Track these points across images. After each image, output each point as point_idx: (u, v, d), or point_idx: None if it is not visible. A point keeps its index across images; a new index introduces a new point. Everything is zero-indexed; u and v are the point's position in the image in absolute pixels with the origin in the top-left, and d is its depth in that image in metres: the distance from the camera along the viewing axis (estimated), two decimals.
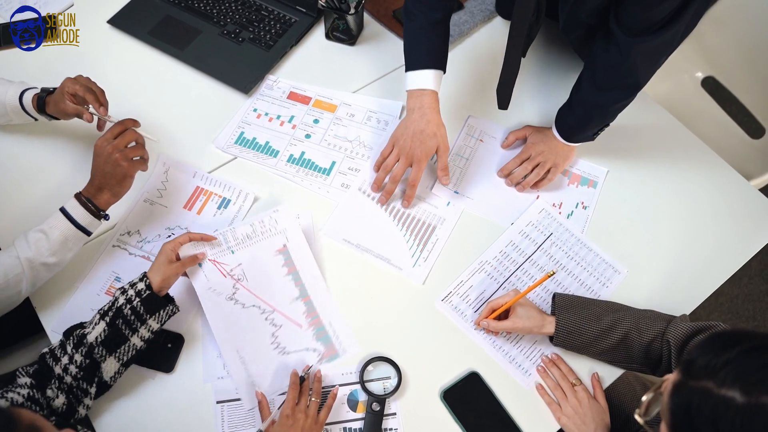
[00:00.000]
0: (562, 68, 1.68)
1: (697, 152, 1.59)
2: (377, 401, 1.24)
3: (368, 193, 1.49)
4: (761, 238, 1.47)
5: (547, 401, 1.27)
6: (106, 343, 1.15)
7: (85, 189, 1.29)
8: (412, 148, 1.41)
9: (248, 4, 1.74)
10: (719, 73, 2.01)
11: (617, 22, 1.23)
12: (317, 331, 1.33)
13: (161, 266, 1.23)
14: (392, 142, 1.46)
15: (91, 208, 1.27)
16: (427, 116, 1.41)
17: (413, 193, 1.45)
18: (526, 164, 1.50)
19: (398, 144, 1.44)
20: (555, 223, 1.47)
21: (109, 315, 1.17)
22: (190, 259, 1.29)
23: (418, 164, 1.41)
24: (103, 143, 1.27)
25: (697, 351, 0.80)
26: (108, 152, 1.27)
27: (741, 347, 0.76)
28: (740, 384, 0.73)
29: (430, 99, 1.42)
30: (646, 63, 1.29)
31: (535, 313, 1.28)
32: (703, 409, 0.75)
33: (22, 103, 1.42)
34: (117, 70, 1.64)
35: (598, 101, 1.38)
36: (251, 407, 1.24)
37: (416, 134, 1.41)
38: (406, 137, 1.42)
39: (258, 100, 1.61)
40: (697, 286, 1.41)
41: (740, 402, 0.72)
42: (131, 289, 1.20)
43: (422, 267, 1.40)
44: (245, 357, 1.28)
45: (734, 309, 2.39)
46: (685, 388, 0.78)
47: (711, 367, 0.76)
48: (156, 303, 1.20)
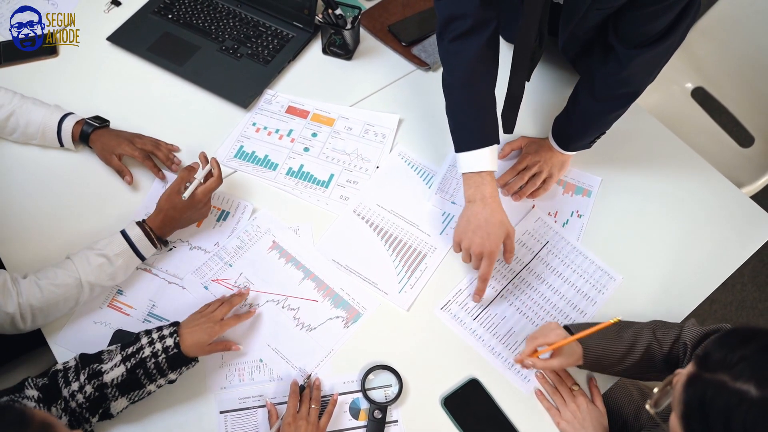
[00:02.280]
0: (556, 80, 1.72)
1: (689, 161, 1.62)
2: (379, 409, 1.26)
3: (362, 215, 1.50)
4: (753, 244, 1.50)
5: (546, 406, 1.29)
6: (121, 387, 1.15)
7: (154, 222, 1.35)
8: (482, 245, 1.33)
9: (246, 20, 1.77)
10: (708, 83, 2.05)
11: (616, 35, 1.26)
12: (333, 299, 1.39)
13: (201, 339, 1.22)
14: (457, 240, 1.38)
15: (152, 237, 1.33)
16: (490, 206, 1.34)
17: (484, 287, 1.37)
18: (522, 174, 1.53)
19: (464, 242, 1.36)
20: (551, 231, 1.49)
21: (131, 362, 1.16)
22: (223, 345, 1.28)
23: (489, 257, 1.33)
24: (204, 200, 1.38)
25: (713, 345, 0.82)
26: (207, 208, 1.40)
27: (757, 343, 0.79)
28: (756, 378, 0.75)
29: (490, 187, 1.35)
30: (644, 72, 1.33)
31: (574, 347, 1.24)
32: (716, 401, 0.77)
33: (61, 130, 1.48)
34: (117, 86, 1.66)
35: (597, 111, 1.41)
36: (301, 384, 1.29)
37: (480, 227, 1.34)
38: (470, 233, 1.35)
39: (257, 114, 1.64)
40: (691, 291, 1.44)
41: (754, 396, 0.74)
42: (159, 343, 1.19)
43: (408, 294, 1.41)
44: (278, 347, 1.34)
45: (727, 316, 2.41)
46: (700, 380, 0.80)
47: (727, 361, 0.78)
48: (181, 362, 1.20)
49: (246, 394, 1.29)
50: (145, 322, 1.35)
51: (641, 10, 1.16)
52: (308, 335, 1.35)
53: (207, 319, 1.25)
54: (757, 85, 1.91)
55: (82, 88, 1.65)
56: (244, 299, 1.36)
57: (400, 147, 1.59)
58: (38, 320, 1.25)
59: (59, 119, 1.48)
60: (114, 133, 1.51)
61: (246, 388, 1.29)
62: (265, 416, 1.26)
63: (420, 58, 1.72)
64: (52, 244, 1.42)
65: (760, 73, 1.89)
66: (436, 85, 1.67)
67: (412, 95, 1.68)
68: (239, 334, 1.34)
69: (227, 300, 1.32)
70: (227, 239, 1.45)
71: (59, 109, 1.50)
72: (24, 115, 1.47)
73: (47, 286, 1.23)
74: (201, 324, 1.24)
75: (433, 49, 1.71)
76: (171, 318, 1.33)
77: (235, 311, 1.34)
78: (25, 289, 1.22)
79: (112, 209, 1.48)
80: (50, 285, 1.23)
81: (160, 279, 1.39)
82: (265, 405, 1.27)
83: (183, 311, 1.34)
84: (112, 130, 1.52)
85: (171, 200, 1.35)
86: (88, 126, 1.49)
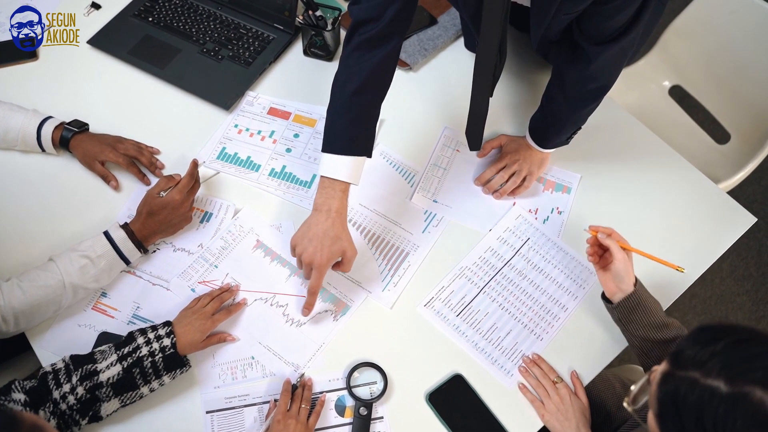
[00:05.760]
0: (533, 78, 1.73)
1: (666, 157, 1.64)
2: (364, 406, 1.27)
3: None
4: (730, 237, 1.53)
5: (530, 399, 1.31)
6: (115, 386, 1.16)
7: (135, 225, 1.35)
8: (313, 255, 1.28)
9: (227, 22, 1.77)
10: (685, 82, 2.08)
11: (581, 33, 1.29)
12: (321, 294, 1.40)
13: (194, 337, 1.25)
14: (293, 244, 1.33)
15: (136, 240, 1.33)
16: (332, 219, 1.29)
17: (313, 300, 1.34)
18: (502, 173, 1.54)
19: (298, 248, 1.31)
20: (531, 228, 1.51)
21: (128, 361, 1.17)
22: (217, 338, 1.32)
23: (318, 270, 1.28)
24: (180, 199, 1.36)
25: (685, 342, 0.83)
26: (185, 208, 1.37)
27: (727, 340, 0.80)
28: (725, 374, 0.76)
29: (339, 203, 1.30)
30: (611, 67, 1.35)
31: (630, 266, 1.27)
32: (689, 398, 0.78)
33: (40, 135, 1.47)
34: (98, 89, 1.66)
35: (570, 108, 1.43)
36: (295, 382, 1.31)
37: (317, 237, 1.28)
38: (305, 240, 1.30)
39: (239, 116, 1.64)
40: (670, 285, 1.46)
41: (724, 391, 0.75)
42: (156, 342, 1.20)
43: (392, 292, 1.42)
44: (270, 344, 1.35)
45: (707, 310, 2.45)
46: (673, 377, 0.82)
47: (698, 358, 0.79)
48: (177, 362, 1.22)
49: (232, 394, 1.29)
50: (130, 324, 1.35)
51: (604, 5, 1.18)
52: (298, 330, 1.37)
53: (198, 315, 1.27)
54: (733, 84, 1.94)
55: (62, 92, 1.64)
56: (233, 295, 1.38)
57: (382, 147, 1.61)
58: (21, 323, 1.25)
59: (38, 124, 1.47)
60: (95, 138, 1.51)
61: (234, 387, 1.30)
62: (250, 416, 1.27)
63: (401, 58, 1.73)
64: (35, 248, 1.42)
65: (735, 72, 1.92)
66: (417, 86, 1.69)
67: (393, 95, 1.66)
68: (230, 332, 1.36)
69: (217, 296, 1.34)
70: (211, 240, 1.45)
71: (37, 114, 1.49)
72: (2, 122, 1.46)
73: (30, 288, 1.22)
74: (193, 322, 1.26)
75: (414, 49, 1.73)
76: (156, 320, 1.33)
77: (224, 306, 1.35)
78: (7, 292, 1.21)
79: (96, 212, 1.48)
80: (33, 287, 1.23)
81: (144, 281, 1.40)
82: (255, 404, 1.28)
83: (168, 313, 1.34)
84: (93, 135, 1.52)
85: (147, 202, 1.35)
86: (67, 131, 1.48)
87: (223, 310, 1.33)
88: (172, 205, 1.35)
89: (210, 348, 1.32)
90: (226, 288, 1.38)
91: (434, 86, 1.71)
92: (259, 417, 1.27)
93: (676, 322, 1.26)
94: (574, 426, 1.25)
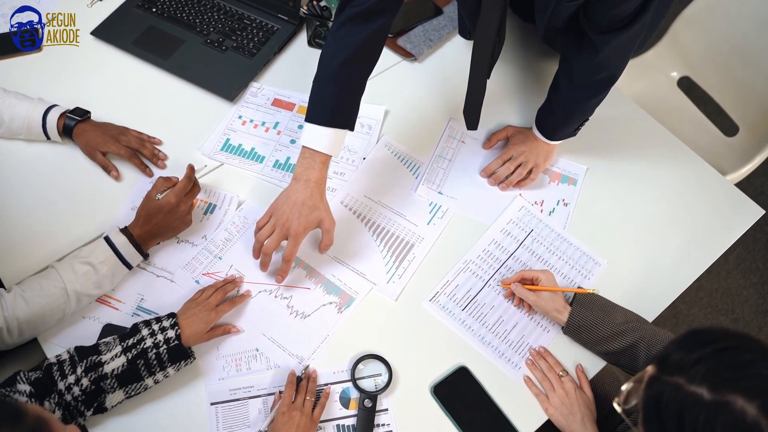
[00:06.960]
0: (539, 68, 1.72)
1: (674, 149, 1.63)
2: (369, 398, 1.26)
3: (349, 206, 1.50)
4: (738, 230, 1.52)
5: (535, 392, 1.30)
6: (120, 378, 1.16)
7: (134, 229, 1.33)
8: (290, 221, 1.30)
9: (231, 13, 1.76)
10: (694, 73, 2.06)
11: (588, 22, 1.28)
12: (325, 286, 1.41)
13: (199, 328, 1.25)
14: (271, 211, 1.34)
15: (136, 244, 1.32)
16: (311, 189, 1.31)
17: (287, 268, 1.34)
18: (508, 164, 1.54)
19: (275, 214, 1.32)
20: (535, 219, 1.50)
21: (132, 352, 1.17)
22: (222, 329, 1.31)
23: (294, 239, 1.30)
24: (176, 202, 1.32)
25: (672, 347, 0.83)
26: (182, 211, 1.34)
27: (715, 346, 0.79)
28: (709, 382, 0.76)
29: (318, 174, 1.32)
30: (618, 56, 1.34)
31: (558, 298, 1.33)
32: (671, 403, 0.78)
33: (46, 123, 1.46)
34: (102, 81, 1.66)
35: (577, 99, 1.42)
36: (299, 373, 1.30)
37: (296, 205, 1.30)
38: (286, 208, 1.31)
39: (243, 107, 1.64)
40: (676, 277, 1.45)
41: (707, 399, 0.75)
42: (160, 334, 1.20)
43: (396, 284, 1.42)
44: (274, 336, 1.35)
45: (713, 303, 2.43)
46: (658, 382, 0.81)
47: (683, 363, 0.79)
48: (181, 354, 1.22)
49: (237, 386, 1.29)
50: (134, 316, 1.34)
51: None
52: (303, 322, 1.36)
53: (202, 307, 1.27)
54: (742, 76, 1.92)
55: (66, 83, 1.64)
56: (237, 287, 1.37)
57: (387, 138, 1.60)
58: (26, 333, 1.24)
59: (43, 112, 1.47)
60: (99, 128, 1.50)
61: (240, 378, 1.30)
62: (255, 408, 1.27)
63: (405, 49, 1.72)
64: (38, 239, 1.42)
65: (745, 64, 1.91)
66: (422, 76, 1.68)
67: (398, 86, 1.68)
68: (234, 323, 1.35)
69: (221, 287, 1.33)
70: (215, 232, 1.45)
71: (42, 102, 1.49)
72: (7, 110, 1.46)
73: (33, 298, 1.21)
74: (197, 313, 1.26)
75: (419, 40, 1.72)
76: (160, 311, 1.33)
77: (228, 297, 1.35)
78: (10, 303, 1.20)
79: (100, 202, 1.47)
80: (36, 296, 1.22)
81: (147, 272, 1.39)
82: (260, 396, 1.28)
83: (172, 304, 1.34)
84: (97, 124, 1.51)
85: (145, 205, 1.34)
86: (70, 120, 1.48)
87: (227, 301, 1.33)
88: (168, 209, 1.33)
89: (214, 340, 1.32)
90: (230, 279, 1.38)
91: (439, 77, 1.69)
92: (264, 409, 1.27)
93: (632, 324, 1.29)
94: (578, 420, 1.25)
